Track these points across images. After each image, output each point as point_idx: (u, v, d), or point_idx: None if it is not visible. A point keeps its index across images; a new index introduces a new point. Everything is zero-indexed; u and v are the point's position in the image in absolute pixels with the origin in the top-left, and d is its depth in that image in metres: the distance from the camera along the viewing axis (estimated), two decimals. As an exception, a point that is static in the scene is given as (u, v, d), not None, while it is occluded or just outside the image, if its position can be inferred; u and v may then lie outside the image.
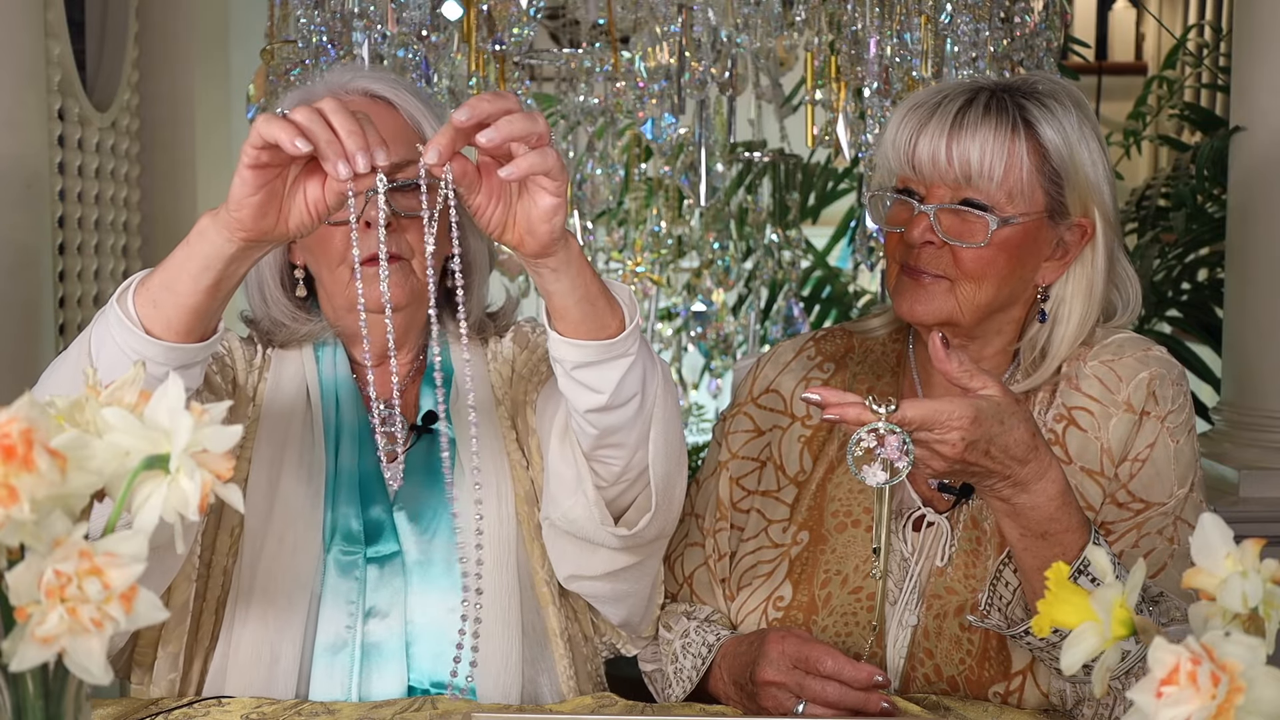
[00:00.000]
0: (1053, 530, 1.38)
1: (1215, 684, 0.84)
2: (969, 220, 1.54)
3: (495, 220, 1.27)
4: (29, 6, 2.74)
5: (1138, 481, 1.56)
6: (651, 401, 1.43)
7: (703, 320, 3.45)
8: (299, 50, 2.54)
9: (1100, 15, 5.99)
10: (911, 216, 1.56)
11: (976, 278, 1.55)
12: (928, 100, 1.58)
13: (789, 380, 1.74)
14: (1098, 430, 1.57)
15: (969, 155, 1.53)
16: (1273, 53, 2.88)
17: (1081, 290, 1.61)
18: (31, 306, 2.75)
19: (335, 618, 1.56)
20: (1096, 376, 1.59)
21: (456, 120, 1.20)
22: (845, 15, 2.64)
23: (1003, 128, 1.53)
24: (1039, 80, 1.61)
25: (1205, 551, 0.94)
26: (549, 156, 1.22)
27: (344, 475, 1.62)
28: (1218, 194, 3.51)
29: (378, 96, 1.59)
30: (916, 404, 1.31)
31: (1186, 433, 1.59)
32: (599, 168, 3.18)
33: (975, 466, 1.34)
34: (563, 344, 1.36)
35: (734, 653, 1.57)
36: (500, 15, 2.59)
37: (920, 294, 1.57)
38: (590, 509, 1.47)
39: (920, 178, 1.57)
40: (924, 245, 1.56)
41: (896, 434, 1.30)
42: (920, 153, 1.55)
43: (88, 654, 0.81)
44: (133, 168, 3.62)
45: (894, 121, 1.60)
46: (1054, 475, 1.38)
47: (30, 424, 0.80)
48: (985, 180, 1.53)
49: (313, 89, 1.62)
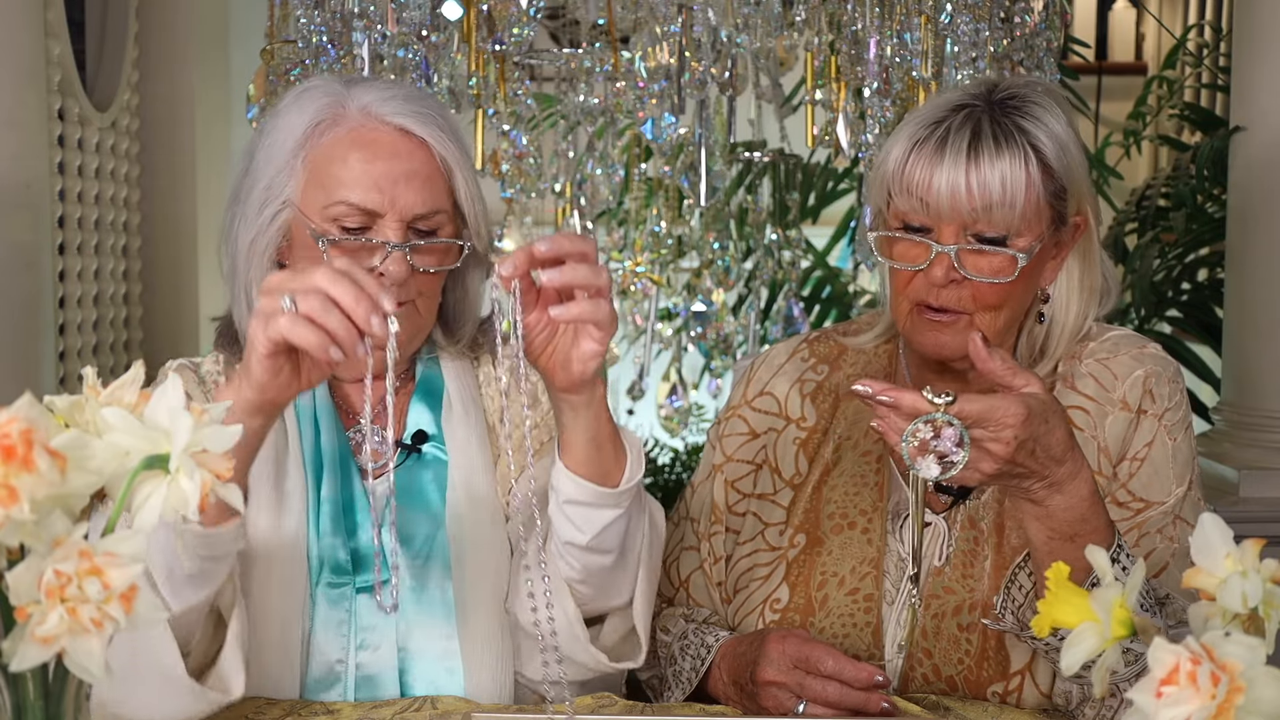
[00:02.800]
0: (1082, 532, 1.37)
1: (1215, 684, 0.84)
2: (990, 256, 1.52)
3: (537, 344, 1.32)
4: (29, 6, 2.74)
5: (1137, 481, 1.56)
6: (635, 560, 1.46)
7: (703, 320, 3.45)
8: (299, 50, 2.54)
9: (1100, 15, 5.99)
10: (929, 255, 1.53)
11: (996, 307, 1.55)
12: (928, 135, 1.54)
13: (783, 383, 1.73)
14: (1094, 429, 1.57)
15: (990, 189, 1.50)
16: (1273, 53, 2.88)
17: (1076, 283, 1.61)
18: (31, 306, 2.75)
19: (328, 650, 1.51)
20: (1092, 375, 1.60)
21: (536, 251, 1.26)
22: (845, 15, 2.64)
23: (1016, 157, 1.51)
24: (1021, 88, 1.58)
25: (1205, 551, 0.94)
26: (602, 309, 1.28)
27: (326, 504, 1.55)
28: (1218, 194, 3.51)
29: (410, 133, 1.51)
30: (975, 398, 1.29)
31: (1184, 430, 1.59)
32: (599, 168, 3.19)
33: (1021, 467, 1.33)
34: (563, 474, 1.40)
35: (734, 653, 1.57)
36: (500, 15, 2.59)
37: (945, 330, 1.56)
38: (570, 626, 1.46)
39: (932, 214, 1.53)
40: (947, 284, 1.54)
41: (954, 426, 1.28)
42: (938, 190, 1.51)
43: (87, 654, 0.81)
44: (133, 168, 3.63)
45: (895, 159, 1.55)
46: (1086, 475, 1.37)
47: (30, 424, 0.80)
48: (1006, 210, 1.51)
49: (345, 110, 1.51)
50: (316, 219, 1.50)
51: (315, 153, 1.51)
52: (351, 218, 1.49)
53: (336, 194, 1.49)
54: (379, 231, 1.49)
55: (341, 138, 1.50)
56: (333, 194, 1.49)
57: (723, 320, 3.47)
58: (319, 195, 1.50)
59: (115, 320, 3.50)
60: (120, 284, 3.54)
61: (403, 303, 1.51)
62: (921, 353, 1.61)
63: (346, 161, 1.49)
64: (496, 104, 2.67)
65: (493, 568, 1.55)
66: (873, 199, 1.62)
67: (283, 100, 1.58)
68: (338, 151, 1.50)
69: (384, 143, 1.50)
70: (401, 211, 1.49)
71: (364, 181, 1.48)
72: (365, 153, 1.49)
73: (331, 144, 1.50)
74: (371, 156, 1.49)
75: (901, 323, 1.60)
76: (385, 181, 1.48)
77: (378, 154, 1.49)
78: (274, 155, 1.53)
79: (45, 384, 2.81)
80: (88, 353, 3.29)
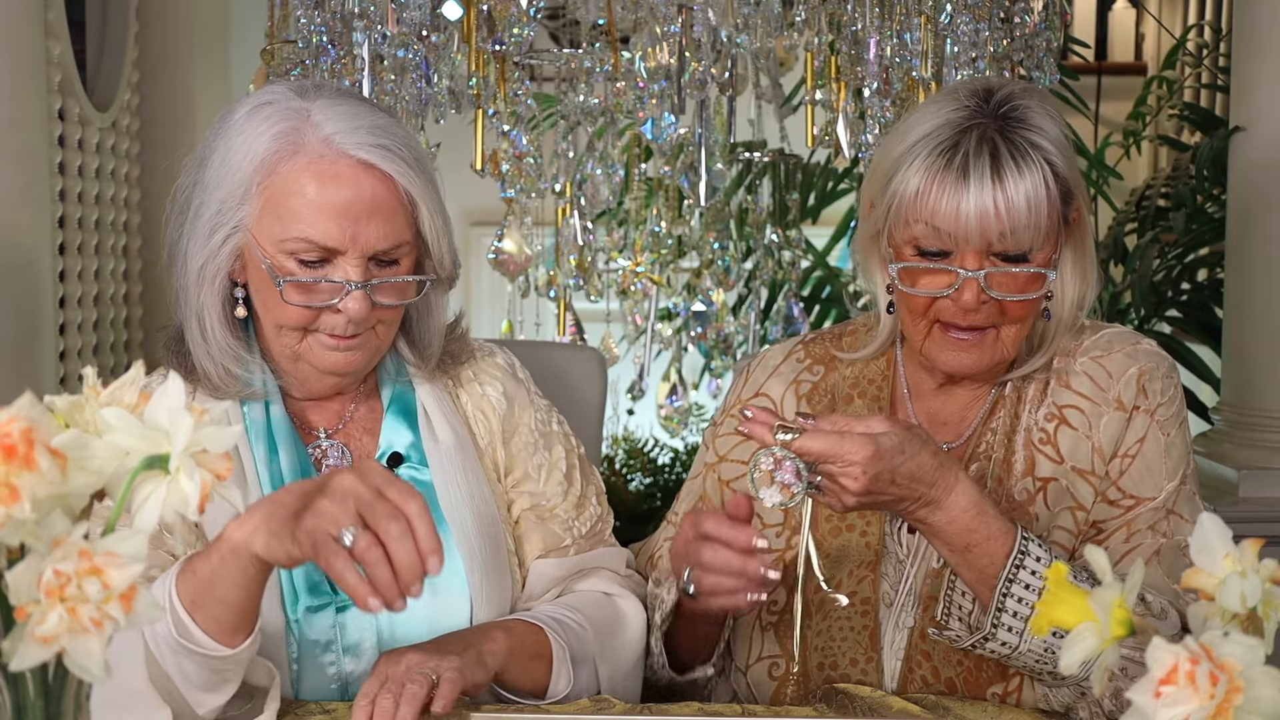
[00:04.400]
0: (974, 541, 1.42)
1: (1214, 684, 0.84)
2: (1018, 276, 1.52)
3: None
4: (29, 6, 2.74)
5: (1128, 478, 1.56)
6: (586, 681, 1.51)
7: (703, 320, 3.45)
8: (299, 50, 2.54)
9: (1100, 15, 5.98)
10: (955, 281, 1.51)
11: (1023, 319, 1.55)
12: (947, 163, 1.50)
13: (778, 385, 1.73)
14: (1089, 429, 1.57)
15: (1018, 209, 1.49)
16: (1273, 53, 2.88)
17: (1071, 271, 1.61)
18: (31, 306, 2.75)
19: (315, 673, 1.49)
20: (1087, 374, 1.60)
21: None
22: (845, 15, 2.64)
23: (1036, 175, 1.49)
24: (1018, 97, 1.56)
25: (1204, 551, 0.94)
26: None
27: None
28: (1217, 194, 3.51)
29: (374, 167, 1.45)
30: (819, 436, 1.36)
31: (1178, 425, 1.59)
32: (599, 168, 3.18)
33: (884, 495, 1.38)
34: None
35: None
36: (500, 15, 2.59)
37: (969, 349, 1.55)
38: None
39: (958, 240, 1.51)
40: (980, 307, 1.53)
41: (792, 460, 1.35)
42: (966, 217, 1.48)
43: (87, 654, 0.81)
44: (133, 168, 3.63)
45: (914, 189, 1.51)
46: (963, 488, 1.42)
47: (31, 423, 0.80)
48: (1031, 230, 1.50)
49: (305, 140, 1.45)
50: (271, 250, 1.45)
51: (273, 181, 1.44)
52: (310, 253, 1.44)
53: (294, 229, 1.44)
54: (338, 267, 1.45)
55: (301, 169, 1.44)
56: (290, 228, 1.44)
57: (723, 320, 3.47)
58: (275, 227, 1.45)
59: (115, 320, 3.50)
60: (120, 284, 3.53)
61: (360, 334, 1.49)
62: (943, 370, 1.60)
63: (305, 195, 1.43)
64: (496, 104, 2.67)
65: (480, 584, 1.54)
66: (874, 222, 1.58)
67: (237, 110, 1.50)
68: (296, 184, 1.44)
69: (345, 176, 1.44)
70: (363, 248, 1.44)
71: (323, 217, 1.43)
72: (326, 187, 1.43)
73: (290, 174, 1.44)
74: (334, 192, 1.43)
75: (919, 342, 1.58)
76: (345, 219, 1.43)
77: (340, 188, 1.43)
78: (227, 174, 1.47)
79: (45, 384, 2.81)
80: (88, 353, 3.29)
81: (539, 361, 1.82)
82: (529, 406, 1.66)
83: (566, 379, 1.96)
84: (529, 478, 1.63)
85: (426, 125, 2.68)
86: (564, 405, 1.75)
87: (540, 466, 1.64)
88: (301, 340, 1.50)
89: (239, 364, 1.52)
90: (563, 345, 2.92)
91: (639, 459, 3.81)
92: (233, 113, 1.50)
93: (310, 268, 1.45)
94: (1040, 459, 1.58)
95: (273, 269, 1.45)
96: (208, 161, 1.50)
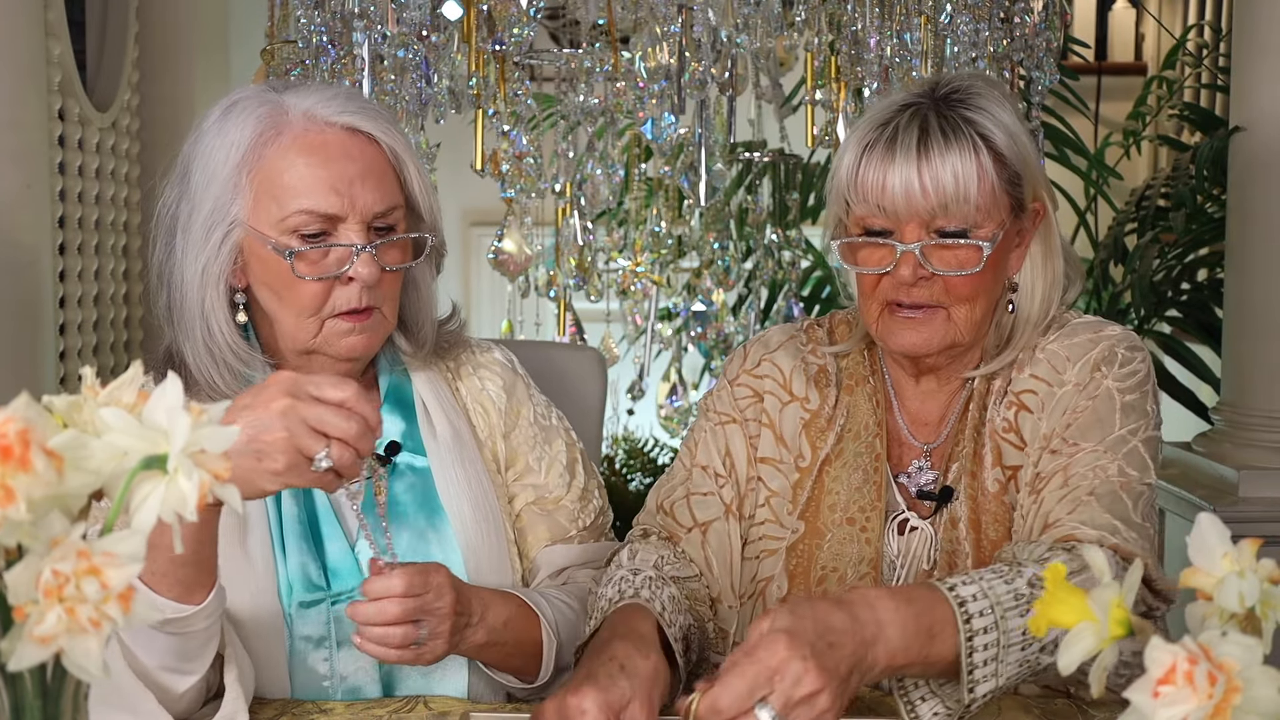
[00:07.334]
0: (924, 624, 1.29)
1: (1212, 683, 0.84)
2: (955, 249, 1.53)
3: None
4: (29, 6, 2.74)
5: (1074, 429, 1.53)
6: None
7: (703, 320, 3.45)
8: (299, 50, 2.55)
9: (1100, 15, 5.98)
10: (894, 257, 1.53)
11: (970, 298, 1.55)
12: (876, 138, 1.54)
13: (786, 358, 1.71)
14: (1042, 409, 1.57)
15: (944, 184, 1.51)
16: (1273, 53, 2.88)
17: (1039, 268, 1.61)
18: (31, 306, 2.75)
19: (311, 667, 1.49)
20: (1047, 360, 1.59)
21: None
22: (845, 15, 2.65)
23: (965, 149, 1.51)
24: (964, 82, 1.59)
25: (1203, 551, 0.94)
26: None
27: (289, 522, 1.50)
28: (1217, 194, 3.51)
29: (360, 131, 1.49)
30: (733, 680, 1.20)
31: (1139, 390, 1.56)
32: (599, 168, 3.19)
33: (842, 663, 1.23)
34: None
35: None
36: (500, 15, 2.59)
37: (917, 326, 1.56)
38: None
39: (891, 216, 1.53)
40: (917, 281, 1.54)
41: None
42: (893, 191, 1.51)
43: (85, 654, 0.81)
44: (133, 168, 3.63)
45: (846, 164, 1.55)
46: (882, 605, 1.28)
47: (27, 424, 0.80)
48: (961, 204, 1.51)
49: (286, 117, 1.48)
50: (273, 233, 1.46)
51: (262, 166, 1.46)
52: (311, 225, 1.46)
53: (292, 204, 1.45)
54: (341, 235, 1.47)
55: (288, 146, 1.46)
56: (288, 204, 1.45)
57: (723, 320, 3.48)
58: (272, 209, 1.46)
59: (115, 320, 3.50)
60: (120, 284, 3.53)
61: (372, 308, 1.50)
62: (898, 351, 1.61)
63: (297, 169, 1.46)
64: (496, 104, 2.68)
65: (476, 573, 1.55)
66: (831, 208, 1.61)
67: (206, 120, 1.52)
68: (286, 161, 1.46)
69: (333, 144, 1.47)
70: (362, 212, 1.47)
71: (320, 186, 1.45)
72: (316, 157, 1.46)
73: (278, 154, 1.46)
74: (324, 160, 1.46)
75: (873, 325, 1.60)
76: (341, 183, 1.46)
77: (330, 156, 1.46)
78: (213, 178, 1.48)
79: (45, 384, 2.81)
80: (88, 353, 3.29)
81: (539, 361, 1.82)
82: (528, 401, 1.67)
83: (566, 379, 1.96)
84: (530, 470, 1.64)
85: (426, 125, 2.68)
86: (564, 405, 1.75)
87: (541, 459, 1.65)
88: (318, 333, 1.50)
89: (242, 362, 1.53)
90: (563, 345, 2.92)
91: (639, 459, 3.81)
92: (203, 122, 1.52)
93: (314, 240, 1.47)
94: (1006, 448, 1.58)
95: (278, 247, 1.47)
96: (189, 172, 1.51)
